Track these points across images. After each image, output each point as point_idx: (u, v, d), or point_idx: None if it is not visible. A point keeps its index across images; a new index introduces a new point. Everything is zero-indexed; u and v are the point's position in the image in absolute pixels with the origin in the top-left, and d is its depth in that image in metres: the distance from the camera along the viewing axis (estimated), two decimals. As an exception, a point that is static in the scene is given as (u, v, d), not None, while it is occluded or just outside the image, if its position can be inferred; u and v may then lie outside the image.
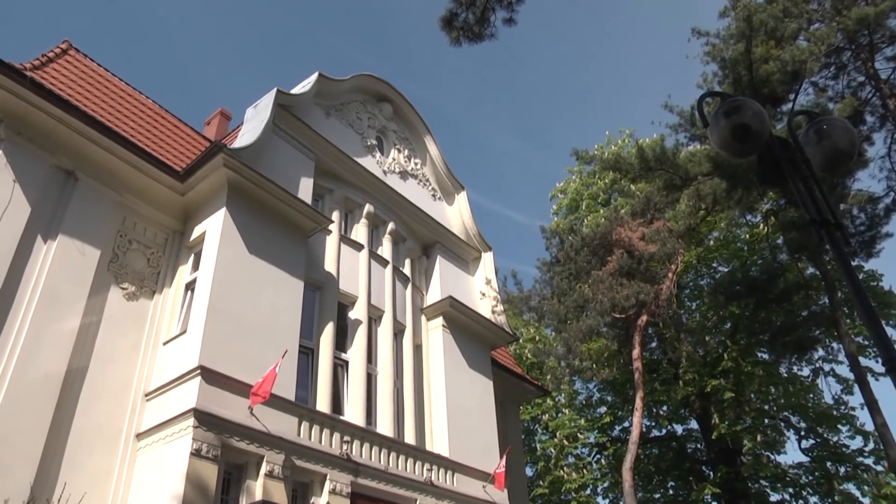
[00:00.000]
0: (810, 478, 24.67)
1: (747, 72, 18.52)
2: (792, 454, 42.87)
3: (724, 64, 19.63)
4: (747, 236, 27.32)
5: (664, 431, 29.15)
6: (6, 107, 11.98)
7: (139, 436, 11.99)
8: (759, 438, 24.28)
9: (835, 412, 24.67)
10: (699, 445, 27.90)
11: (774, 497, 25.03)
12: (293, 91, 16.97)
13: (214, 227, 13.66)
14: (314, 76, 17.61)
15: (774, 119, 18.41)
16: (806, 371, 25.82)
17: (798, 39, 19.40)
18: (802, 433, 25.43)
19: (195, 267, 14.02)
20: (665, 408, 28.32)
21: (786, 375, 25.72)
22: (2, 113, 12.01)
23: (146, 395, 12.46)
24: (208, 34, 77.66)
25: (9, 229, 11.46)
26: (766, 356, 25.46)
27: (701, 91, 21.74)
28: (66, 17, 71.13)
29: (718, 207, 20.66)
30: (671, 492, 28.39)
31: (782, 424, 25.49)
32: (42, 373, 11.05)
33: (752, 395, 25.59)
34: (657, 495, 28.78)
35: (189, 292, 13.77)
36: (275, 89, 15.94)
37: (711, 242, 28.22)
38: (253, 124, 15.45)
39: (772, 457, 25.19)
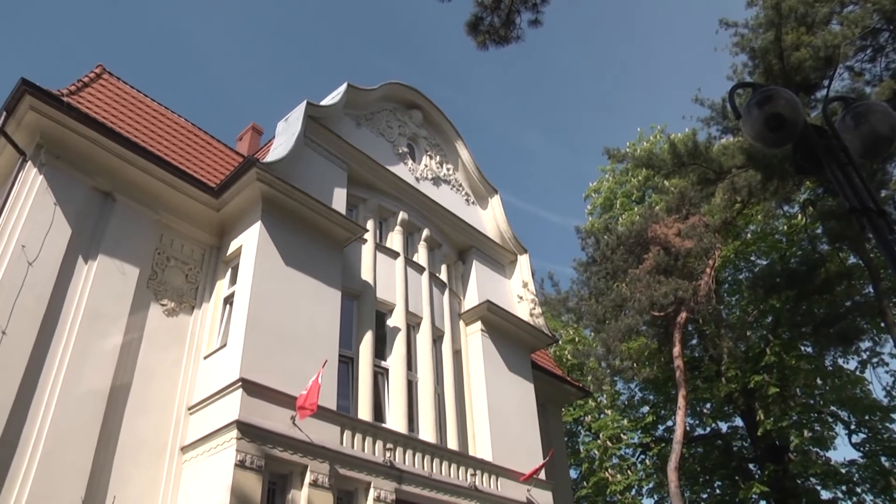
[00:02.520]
0: (864, 474, 23.97)
1: (778, 60, 18.18)
2: (844, 450, 41.89)
3: (754, 54, 19.28)
4: (785, 228, 26.73)
5: (708, 430, 28.67)
6: (45, 132, 12.32)
7: (184, 449, 12.17)
8: (806, 434, 23.74)
9: (885, 405, 24.06)
10: (745, 443, 27.37)
11: (826, 495, 24.34)
12: (323, 103, 17.10)
13: (250, 241, 13.81)
14: (343, 87, 17.72)
15: (809, 107, 18.06)
16: (853, 363, 25.21)
17: (830, 24, 18.99)
18: (852, 427, 24.81)
19: (233, 281, 14.19)
20: (708, 405, 27.84)
21: (831, 368, 25.12)
22: (41, 138, 12.34)
23: (189, 409, 12.65)
24: (236, 51, 78.84)
25: (52, 251, 11.76)
26: (809, 349, 24.93)
27: (731, 83, 21.41)
28: (96, 39, 72.75)
29: (754, 200, 20.31)
30: (718, 491, 27.82)
31: (830, 419, 24.90)
32: (88, 389, 11.31)
33: (798, 390, 24.97)
34: (704, 495, 28.26)
35: (227, 306, 13.93)
36: (304, 102, 16.08)
37: (749, 235, 27.73)
38: (284, 137, 15.62)
39: (821, 453, 24.58)
